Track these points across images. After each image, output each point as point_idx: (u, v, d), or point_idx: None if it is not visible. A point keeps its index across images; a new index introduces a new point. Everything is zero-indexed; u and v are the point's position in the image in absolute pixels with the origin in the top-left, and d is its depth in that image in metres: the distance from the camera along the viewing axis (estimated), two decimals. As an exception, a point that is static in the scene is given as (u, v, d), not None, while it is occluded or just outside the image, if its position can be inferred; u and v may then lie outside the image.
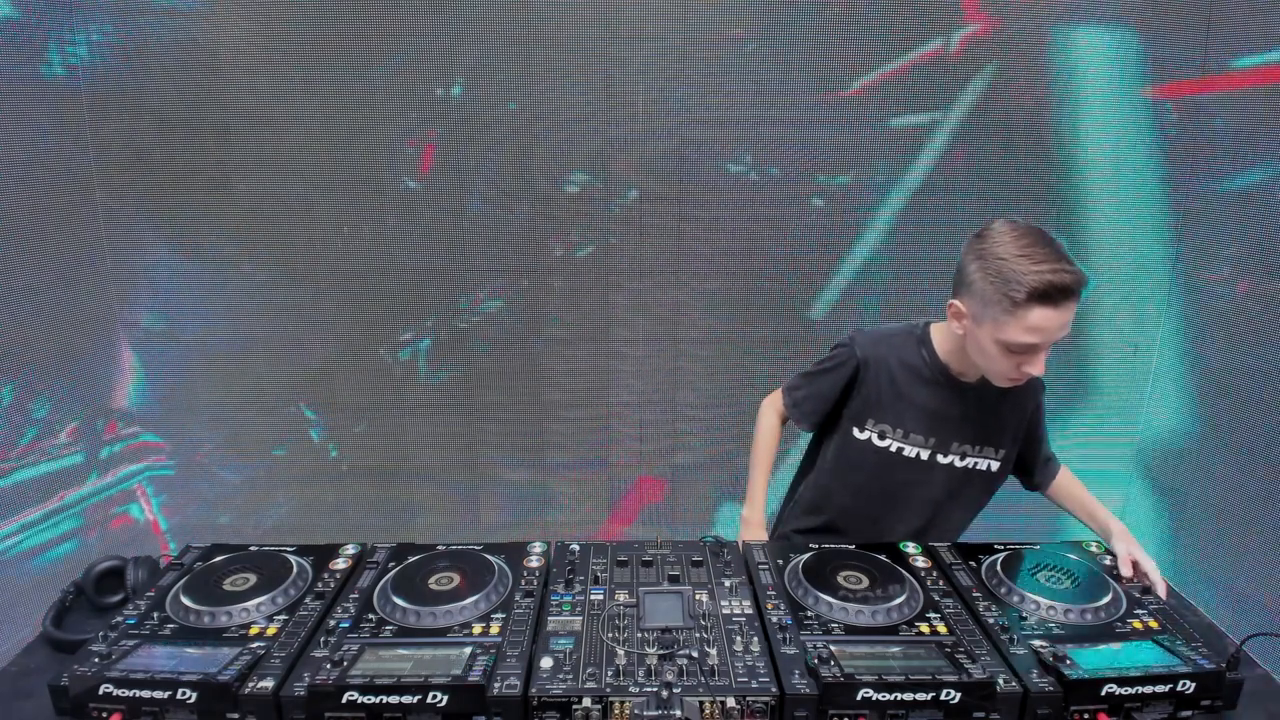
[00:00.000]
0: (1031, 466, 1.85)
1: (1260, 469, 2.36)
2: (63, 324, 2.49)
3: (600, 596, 1.48)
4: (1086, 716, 1.25)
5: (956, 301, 1.60)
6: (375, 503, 2.95)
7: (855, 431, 1.75)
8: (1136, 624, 1.42)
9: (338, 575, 1.56)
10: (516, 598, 1.48)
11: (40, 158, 2.39)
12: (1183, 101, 2.53)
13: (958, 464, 1.74)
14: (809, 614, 1.43)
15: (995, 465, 1.76)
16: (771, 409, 1.90)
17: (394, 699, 1.20)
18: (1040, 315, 1.44)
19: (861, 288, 2.72)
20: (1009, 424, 1.74)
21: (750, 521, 1.88)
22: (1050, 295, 1.42)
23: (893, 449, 1.73)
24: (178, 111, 2.52)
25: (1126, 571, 1.61)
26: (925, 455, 1.73)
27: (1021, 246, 1.47)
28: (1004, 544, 1.69)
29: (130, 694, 1.21)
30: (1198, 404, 2.58)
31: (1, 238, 2.29)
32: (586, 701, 1.21)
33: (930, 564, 1.62)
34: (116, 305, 2.67)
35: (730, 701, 1.21)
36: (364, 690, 1.20)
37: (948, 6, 2.47)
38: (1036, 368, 1.51)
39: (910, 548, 1.68)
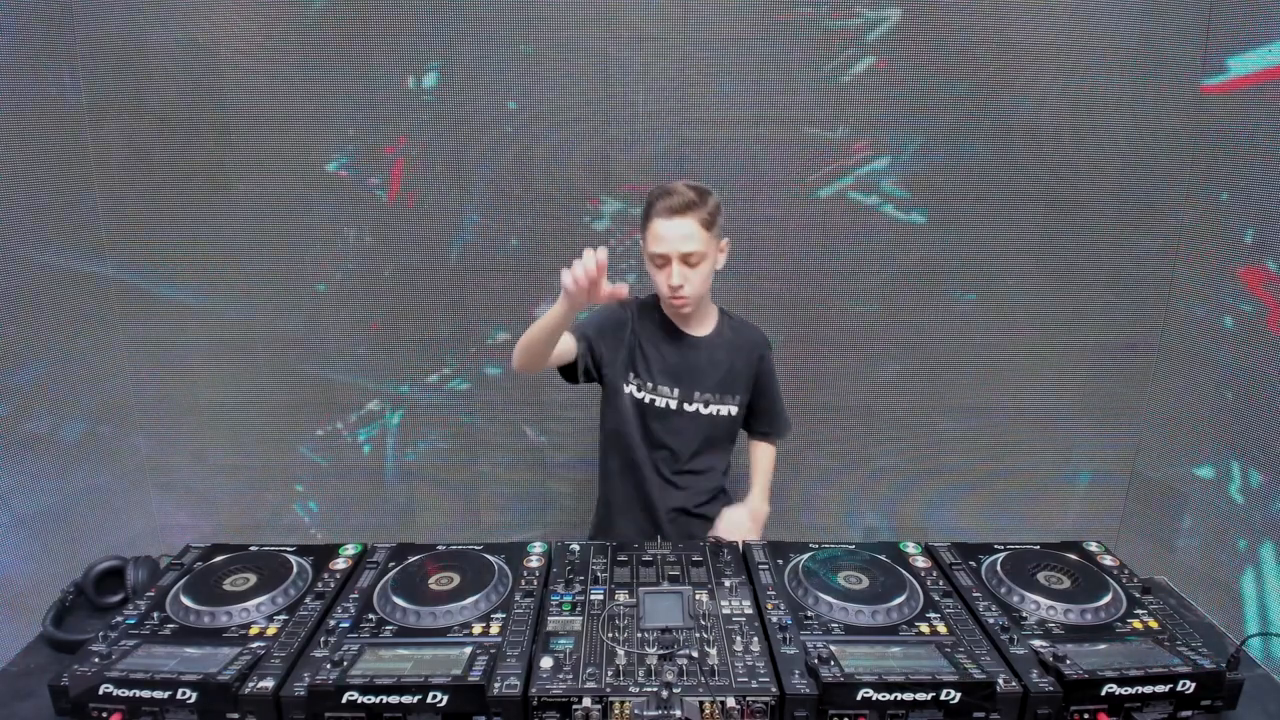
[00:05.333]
0: (753, 417, 2.12)
1: (1260, 468, 2.36)
2: (62, 326, 2.50)
3: (600, 596, 1.48)
4: (1086, 716, 1.25)
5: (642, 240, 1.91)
6: (375, 503, 2.95)
7: (625, 388, 1.98)
8: (1136, 624, 1.42)
9: (338, 575, 1.57)
10: (516, 598, 1.48)
11: (40, 158, 2.39)
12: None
13: (703, 411, 1.98)
14: (809, 614, 1.43)
15: (735, 410, 2.02)
16: None
17: (394, 699, 1.20)
18: (660, 225, 1.79)
19: (862, 288, 2.72)
20: (741, 373, 2.01)
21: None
22: (666, 210, 1.79)
23: (647, 400, 1.96)
24: (178, 111, 2.52)
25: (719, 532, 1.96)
26: (673, 404, 1.97)
27: (659, 184, 1.86)
28: (1004, 544, 1.69)
29: (130, 694, 1.22)
30: (1198, 404, 2.58)
31: (1, 237, 2.30)
32: (586, 701, 1.21)
33: (930, 564, 1.62)
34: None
35: (730, 701, 1.21)
36: (364, 690, 1.20)
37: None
38: (675, 278, 1.81)
39: (910, 547, 1.68)
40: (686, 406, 1.97)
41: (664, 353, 1.97)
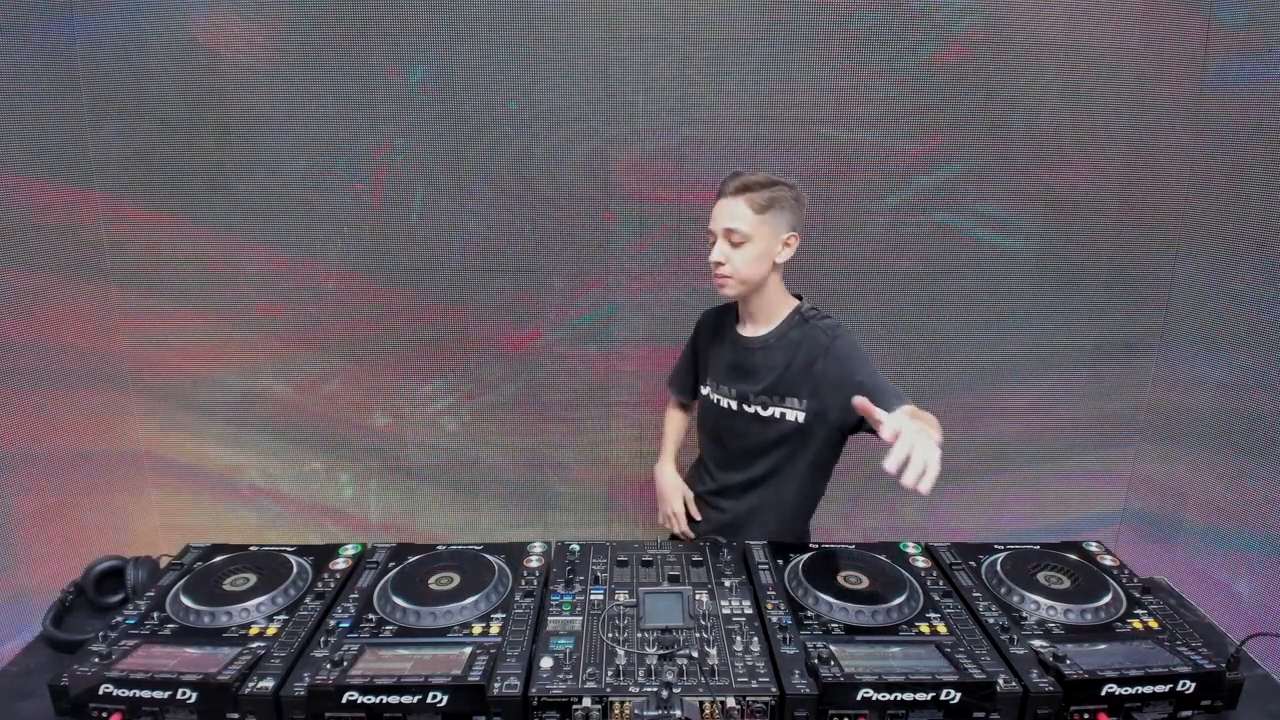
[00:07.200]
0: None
1: (1260, 468, 2.36)
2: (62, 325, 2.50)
3: (600, 596, 1.48)
4: (1086, 716, 1.25)
5: None
6: (375, 503, 2.95)
7: (702, 389, 2.09)
8: (1136, 624, 1.42)
9: (338, 575, 1.57)
10: (516, 598, 1.48)
11: (40, 158, 2.39)
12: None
13: (762, 413, 1.92)
14: (809, 614, 1.43)
15: (801, 416, 1.88)
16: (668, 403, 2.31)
17: (394, 699, 1.20)
18: (716, 204, 1.86)
19: (861, 288, 2.71)
20: (800, 376, 1.89)
21: (660, 469, 2.22)
22: (723, 189, 1.85)
23: (715, 400, 2.02)
24: (178, 111, 2.52)
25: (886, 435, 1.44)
26: (734, 405, 1.97)
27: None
28: (1004, 544, 1.69)
29: (130, 694, 1.22)
30: (1198, 403, 2.58)
31: (1, 237, 2.29)
32: (586, 701, 1.21)
33: (930, 564, 1.62)
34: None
35: (730, 701, 1.21)
36: (364, 690, 1.20)
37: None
38: (715, 254, 1.85)
39: (910, 547, 1.68)
40: (745, 407, 1.94)
41: (721, 352, 2.02)
